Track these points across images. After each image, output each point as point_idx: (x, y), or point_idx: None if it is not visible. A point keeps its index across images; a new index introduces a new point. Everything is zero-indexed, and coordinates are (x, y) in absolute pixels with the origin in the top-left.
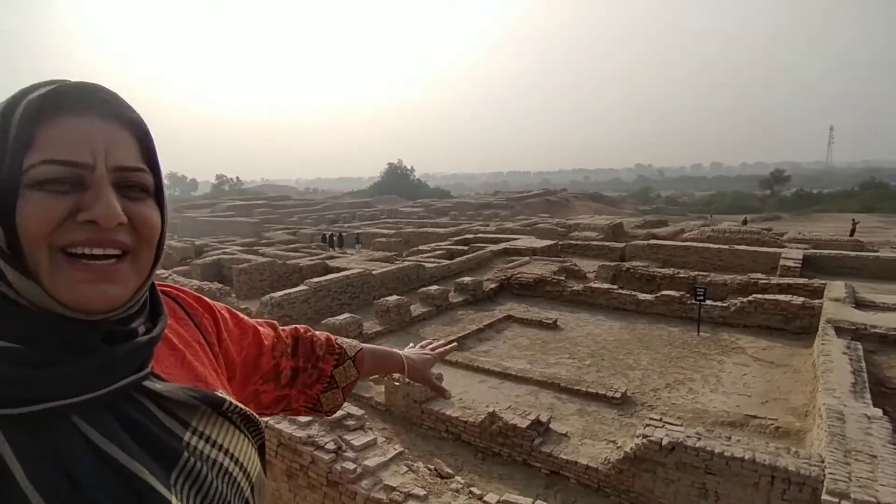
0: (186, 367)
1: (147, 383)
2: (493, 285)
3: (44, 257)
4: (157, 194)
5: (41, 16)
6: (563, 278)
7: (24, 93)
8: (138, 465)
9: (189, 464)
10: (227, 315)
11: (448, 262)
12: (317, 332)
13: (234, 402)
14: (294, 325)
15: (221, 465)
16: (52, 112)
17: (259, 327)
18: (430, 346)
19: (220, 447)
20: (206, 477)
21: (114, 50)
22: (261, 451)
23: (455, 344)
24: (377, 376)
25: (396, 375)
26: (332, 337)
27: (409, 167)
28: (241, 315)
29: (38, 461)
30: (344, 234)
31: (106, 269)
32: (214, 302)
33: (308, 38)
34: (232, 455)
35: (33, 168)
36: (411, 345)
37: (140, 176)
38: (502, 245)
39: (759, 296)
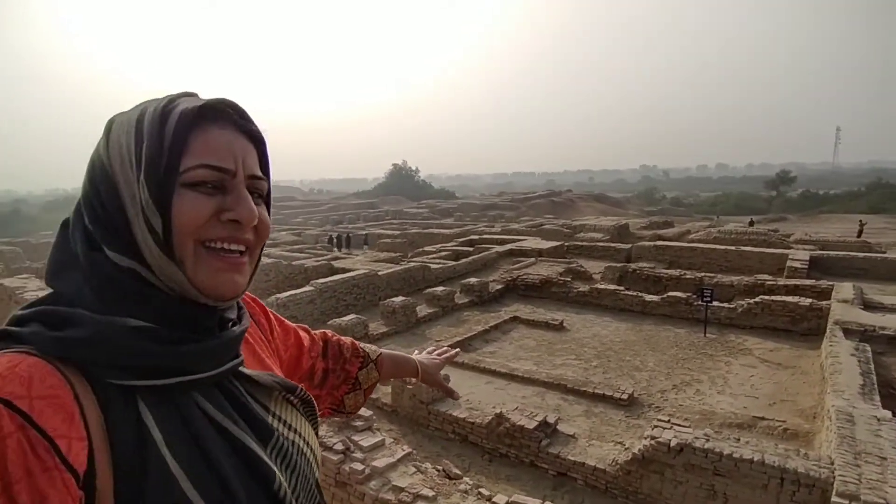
0: (257, 359)
1: (241, 368)
2: (498, 286)
3: (189, 248)
4: (267, 200)
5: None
6: (569, 279)
7: (171, 101)
8: (247, 437)
9: (280, 441)
10: (272, 317)
11: (454, 263)
12: (342, 337)
13: (303, 388)
14: (322, 330)
15: (298, 445)
16: (202, 122)
17: (298, 330)
18: (438, 352)
19: (294, 430)
20: (292, 454)
21: (107, 54)
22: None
23: (458, 350)
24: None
25: (411, 379)
26: (356, 341)
27: (413, 168)
28: (282, 317)
29: (173, 429)
30: (351, 234)
31: (237, 261)
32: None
33: (311, 38)
34: (303, 437)
35: (191, 171)
36: (417, 351)
37: (261, 184)
38: (508, 246)
39: (766, 297)
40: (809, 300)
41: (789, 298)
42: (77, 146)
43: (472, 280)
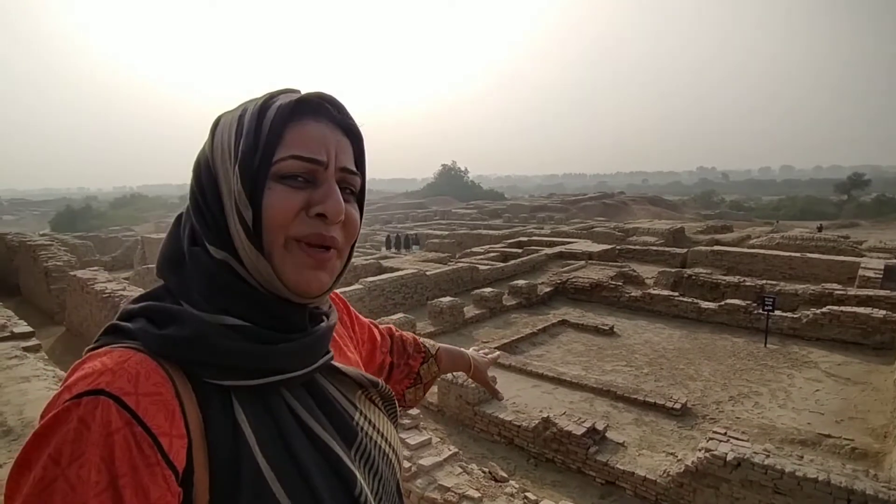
0: (343, 355)
1: (333, 363)
2: (547, 289)
3: (279, 242)
4: (360, 197)
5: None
6: (620, 284)
7: (271, 97)
8: (332, 440)
9: (363, 443)
10: (352, 312)
11: (502, 264)
12: (404, 333)
13: (384, 383)
14: (386, 325)
15: (380, 446)
16: (298, 116)
17: (371, 325)
18: (483, 352)
19: (378, 430)
20: (375, 457)
21: (129, 57)
22: None
23: (500, 354)
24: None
25: (459, 374)
26: (417, 337)
27: (462, 168)
28: (357, 312)
29: (264, 429)
30: (409, 235)
31: (324, 258)
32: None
33: (362, 36)
34: (386, 438)
35: (281, 162)
36: (474, 347)
37: (354, 179)
38: (557, 248)
39: (835, 307)
40: (883, 312)
41: (860, 309)
42: (140, 147)
43: (521, 282)
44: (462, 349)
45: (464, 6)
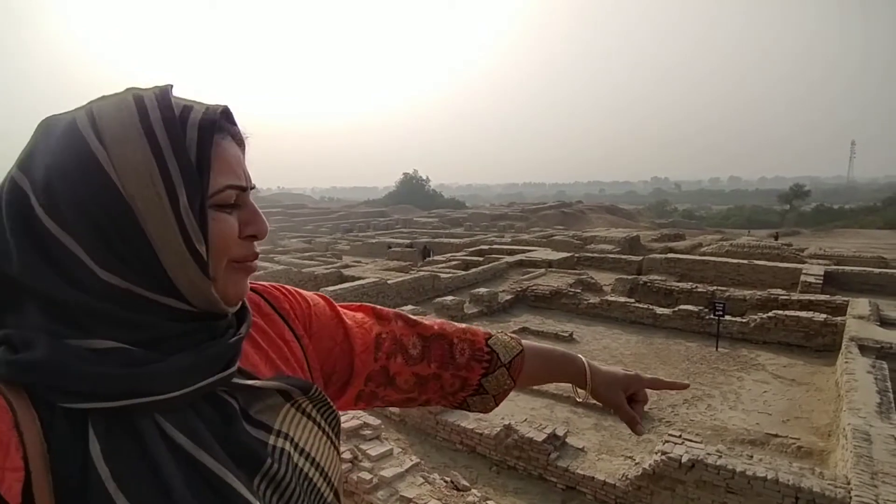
0: (272, 365)
1: (236, 380)
2: (508, 297)
3: (221, 266)
4: None
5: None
6: (579, 291)
7: (183, 111)
8: (224, 469)
9: (272, 469)
10: (321, 301)
11: (463, 272)
12: (459, 329)
13: (318, 388)
14: (436, 320)
15: (302, 470)
16: (214, 135)
17: (356, 327)
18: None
19: (302, 451)
20: (290, 483)
21: (109, 56)
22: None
23: (687, 384)
24: None
25: (578, 392)
26: (484, 337)
27: (424, 177)
28: (341, 309)
29: (125, 460)
30: (428, 246)
31: (252, 267)
32: (307, 292)
33: (321, 45)
34: (314, 460)
35: (220, 193)
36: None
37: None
38: (518, 256)
39: (780, 312)
40: (824, 316)
41: (803, 314)
42: None
43: (482, 290)
44: (573, 353)
45: (426, 19)
